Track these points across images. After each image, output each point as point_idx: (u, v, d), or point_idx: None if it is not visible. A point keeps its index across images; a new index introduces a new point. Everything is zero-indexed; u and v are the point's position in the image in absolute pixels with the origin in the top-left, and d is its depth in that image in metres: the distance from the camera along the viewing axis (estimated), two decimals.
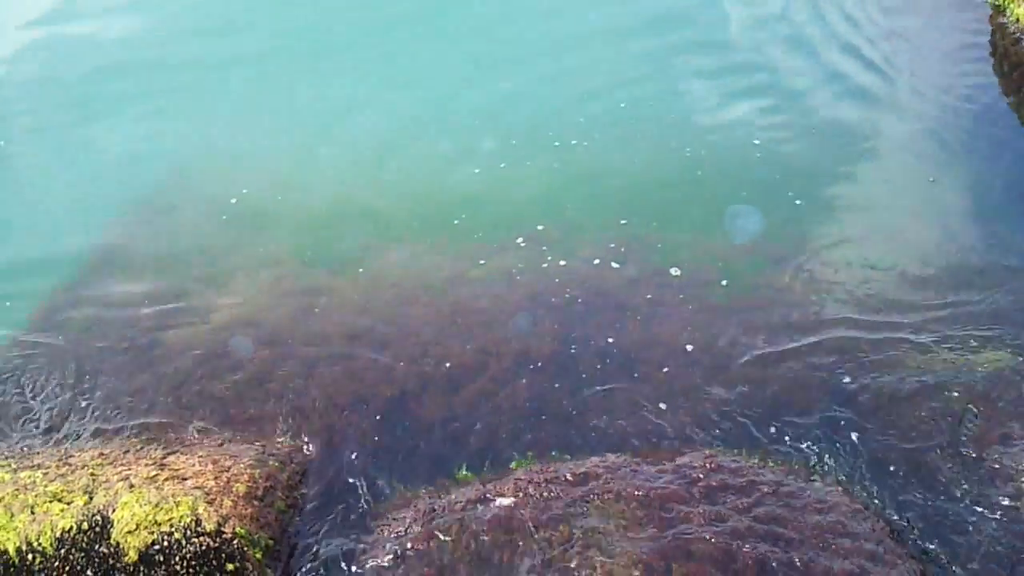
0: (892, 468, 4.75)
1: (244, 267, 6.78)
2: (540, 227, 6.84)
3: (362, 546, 4.50)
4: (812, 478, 4.66)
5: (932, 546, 4.32)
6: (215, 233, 7.17)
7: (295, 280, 6.62)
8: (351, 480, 4.86)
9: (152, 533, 4.10)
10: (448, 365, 5.63)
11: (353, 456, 5.01)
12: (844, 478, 4.69)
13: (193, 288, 6.58)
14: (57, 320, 6.34)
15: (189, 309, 6.37)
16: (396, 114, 8.44)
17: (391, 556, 4.38)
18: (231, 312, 6.30)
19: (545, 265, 6.47)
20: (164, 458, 4.59)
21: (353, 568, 4.38)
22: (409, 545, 4.40)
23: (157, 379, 5.64)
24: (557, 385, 5.42)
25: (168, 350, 5.98)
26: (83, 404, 5.51)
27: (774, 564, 4.14)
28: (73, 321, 6.33)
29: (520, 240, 6.77)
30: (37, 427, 5.32)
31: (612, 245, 6.62)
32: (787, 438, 4.98)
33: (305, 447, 5.04)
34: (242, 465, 4.59)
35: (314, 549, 4.49)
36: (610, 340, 5.72)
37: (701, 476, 4.61)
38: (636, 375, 5.46)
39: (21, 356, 5.99)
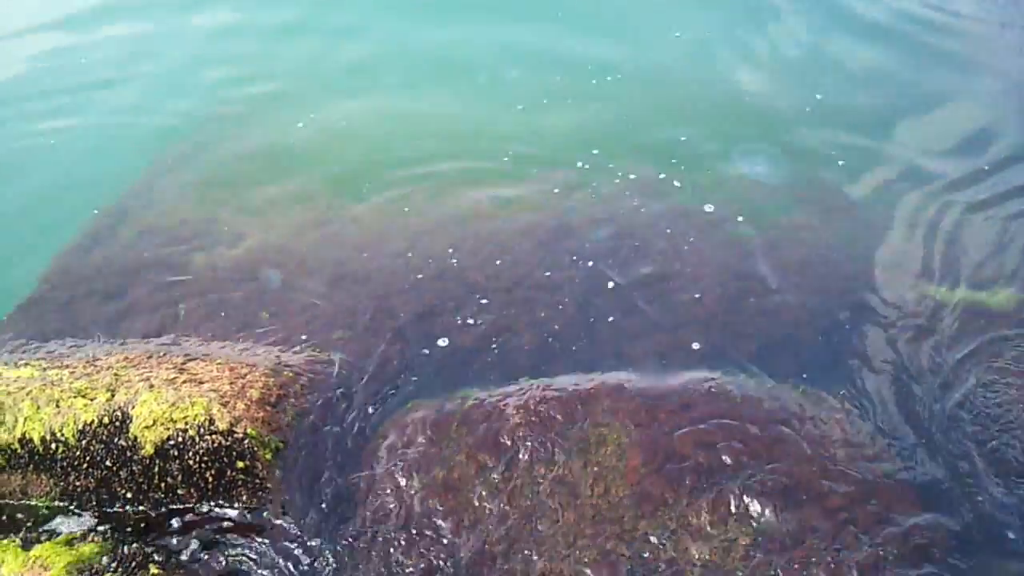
0: (895, 400, 4.76)
1: (272, 201, 6.90)
2: (566, 166, 6.89)
3: (367, 452, 4.63)
4: (811, 404, 4.67)
5: (929, 466, 4.34)
6: (244, 172, 7.30)
7: (320, 212, 6.72)
8: (361, 392, 4.98)
9: (168, 429, 4.26)
10: (465, 291, 5.71)
11: (366, 370, 5.12)
12: (848, 408, 4.70)
13: (223, 217, 6.71)
14: (98, 241, 6.52)
15: (218, 234, 6.51)
16: (423, 55, 8.53)
17: (394, 462, 4.51)
18: (258, 238, 6.42)
19: (568, 202, 6.51)
20: (184, 363, 4.74)
21: (358, 472, 4.52)
22: (412, 453, 4.53)
23: (183, 293, 5.80)
24: (571, 312, 5.49)
25: (196, 269, 6.14)
26: (114, 314, 5.69)
27: (762, 491, 4.20)
28: (113, 241, 6.51)
29: (546, 178, 6.81)
30: (71, 336, 5.50)
31: (635, 179, 6.67)
32: (794, 362, 5.01)
33: (319, 359, 5.16)
34: (257, 373, 4.73)
35: (322, 453, 4.63)
36: (628, 271, 5.77)
37: (700, 400, 4.67)
38: (650, 304, 5.50)
39: (61, 273, 6.19)
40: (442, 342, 5.31)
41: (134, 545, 4.12)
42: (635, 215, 6.33)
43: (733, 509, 4.12)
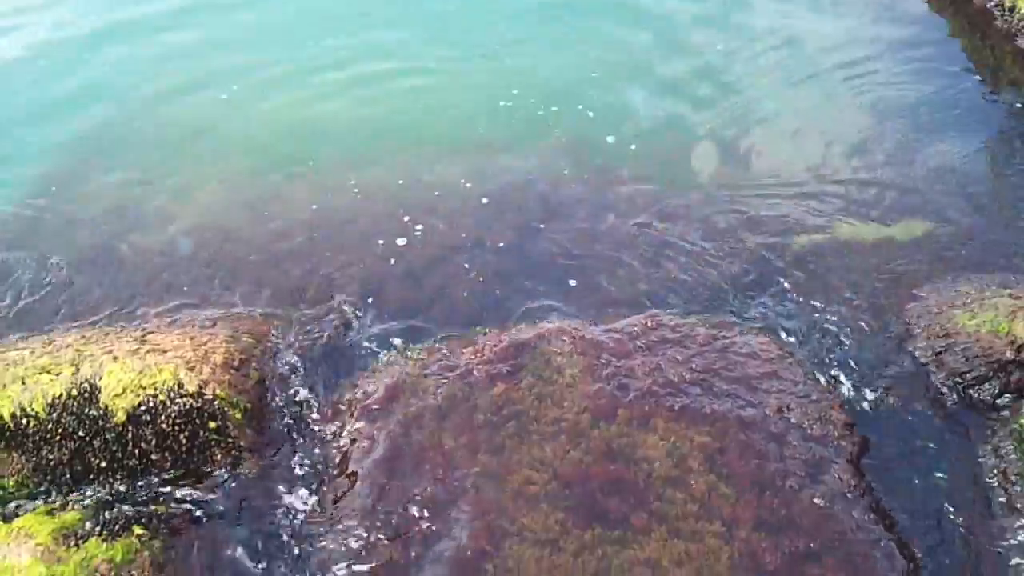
0: (820, 323, 5.13)
1: (202, 181, 6.92)
2: (483, 132, 7.12)
3: (333, 408, 4.77)
4: (745, 333, 5.01)
5: (851, 383, 4.71)
6: (170, 153, 7.27)
7: (252, 188, 6.77)
8: (321, 354, 5.11)
9: (138, 396, 4.32)
10: (411, 255, 5.88)
11: (323, 333, 5.25)
12: (774, 332, 5.05)
13: (155, 201, 6.70)
14: (26, 229, 6.45)
15: (151, 218, 6.50)
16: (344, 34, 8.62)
17: (361, 414, 4.67)
18: (190, 220, 6.45)
19: (493, 166, 6.74)
20: (144, 337, 4.80)
21: (327, 427, 4.66)
22: (376, 405, 4.69)
23: (126, 275, 5.82)
24: (514, 268, 5.72)
25: (134, 251, 6.14)
26: (60, 300, 5.67)
27: (709, 400, 4.51)
28: (42, 230, 6.44)
29: (467, 146, 7.02)
30: (18, 322, 5.47)
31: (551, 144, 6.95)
32: (723, 300, 5.34)
33: (275, 326, 5.27)
34: (218, 340, 4.82)
35: (287, 413, 4.75)
36: (564, 228, 6.05)
37: (642, 333, 4.95)
38: (588, 256, 5.79)
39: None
40: (392, 301, 5.48)
41: (115, 511, 4.17)
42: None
43: (684, 414, 4.41)
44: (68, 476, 4.36)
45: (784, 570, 3.77)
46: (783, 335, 5.02)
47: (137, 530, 4.04)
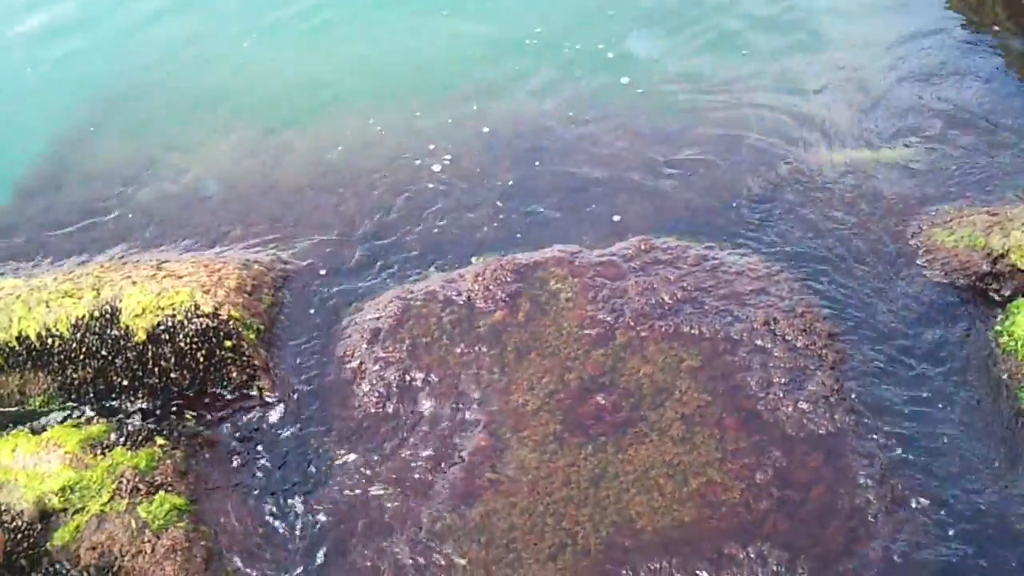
0: (807, 243, 5.29)
1: (209, 137, 7.06)
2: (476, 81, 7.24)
3: (342, 332, 4.96)
4: (735, 253, 5.18)
5: (836, 298, 4.88)
6: (182, 115, 7.42)
7: (257, 142, 6.90)
8: (330, 283, 5.29)
9: (157, 316, 4.52)
10: (408, 194, 6.04)
11: (330, 265, 5.44)
12: (764, 251, 5.21)
13: (161, 156, 6.85)
14: (47, 179, 6.64)
15: (164, 172, 6.66)
16: None
17: (365, 339, 4.86)
18: (201, 170, 6.61)
19: (482, 112, 6.88)
20: (159, 265, 4.99)
21: (334, 345, 4.86)
22: (382, 324, 4.88)
23: (140, 219, 6.01)
24: (511, 203, 5.88)
25: (149, 202, 6.31)
26: (78, 242, 5.87)
27: (699, 316, 4.69)
28: (61, 179, 6.63)
29: (457, 94, 7.14)
30: (40, 260, 5.67)
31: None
32: (715, 224, 5.50)
33: (284, 258, 5.45)
34: (230, 268, 5.01)
35: (300, 336, 4.95)
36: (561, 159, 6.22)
37: (636, 255, 5.13)
38: (583, 185, 5.97)
39: (16, 212, 6.31)
40: (395, 233, 5.66)
41: (138, 425, 4.39)
42: None
43: (676, 333, 4.60)
44: (92, 394, 4.57)
45: (769, 470, 3.97)
46: (772, 254, 5.18)
47: (159, 441, 4.26)
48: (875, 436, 4.09)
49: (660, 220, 5.57)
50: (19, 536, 3.71)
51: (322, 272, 5.39)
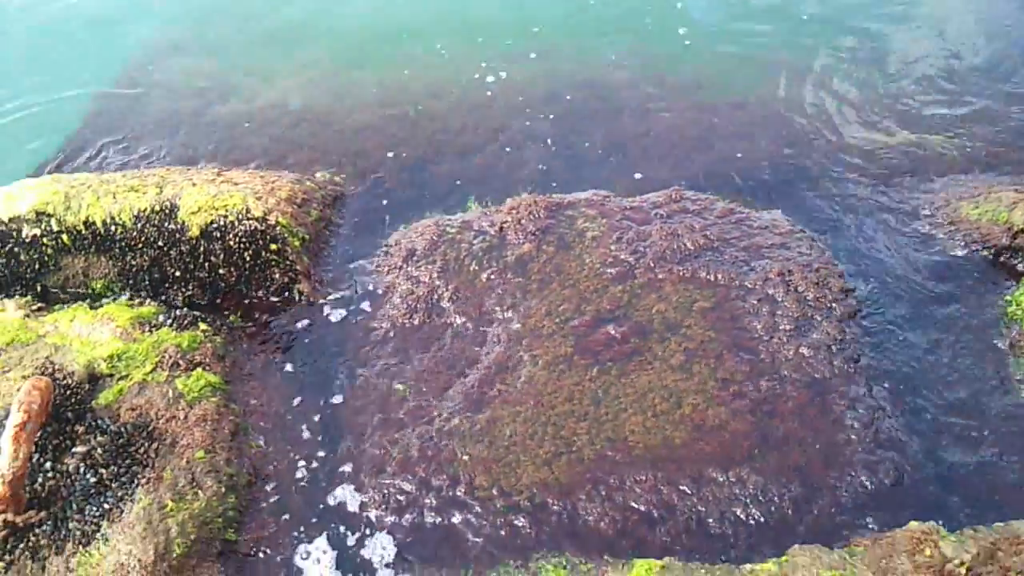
0: (835, 207, 5.41)
1: (284, 65, 7.43)
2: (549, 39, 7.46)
3: (380, 251, 5.25)
4: (761, 210, 5.32)
5: (855, 258, 5.00)
6: (259, 43, 7.80)
7: (328, 74, 7.24)
8: (375, 206, 5.59)
9: (211, 215, 4.85)
10: (463, 133, 6.30)
11: (378, 191, 5.73)
12: (790, 212, 5.34)
13: (242, 80, 7.24)
14: (128, 101, 7.07)
15: (237, 93, 7.04)
16: None
17: (401, 258, 5.13)
18: (273, 96, 6.98)
19: (544, 65, 7.09)
20: (219, 173, 5.32)
21: (372, 264, 5.14)
22: (420, 245, 5.15)
23: (209, 135, 6.38)
24: (554, 149, 6.10)
25: (219, 119, 6.69)
26: (150, 153, 6.27)
27: (717, 264, 4.86)
28: (142, 100, 7.05)
29: (532, 55, 7.37)
30: (112, 163, 6.08)
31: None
32: (745, 182, 5.64)
33: (337, 180, 5.76)
34: (284, 181, 5.33)
35: (341, 250, 5.25)
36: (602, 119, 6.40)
37: (665, 204, 5.30)
38: (623, 141, 6.14)
39: (99, 114, 6.75)
40: (444, 165, 5.92)
41: (185, 311, 4.74)
42: None
43: (693, 278, 4.78)
44: (147, 282, 4.93)
45: (758, 404, 4.14)
46: (798, 214, 5.30)
47: (202, 327, 4.59)
48: (869, 385, 4.21)
49: (700, 174, 5.74)
50: (68, 392, 4.07)
51: (370, 195, 5.69)
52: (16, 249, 4.83)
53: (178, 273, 4.90)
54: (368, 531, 3.79)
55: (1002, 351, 4.37)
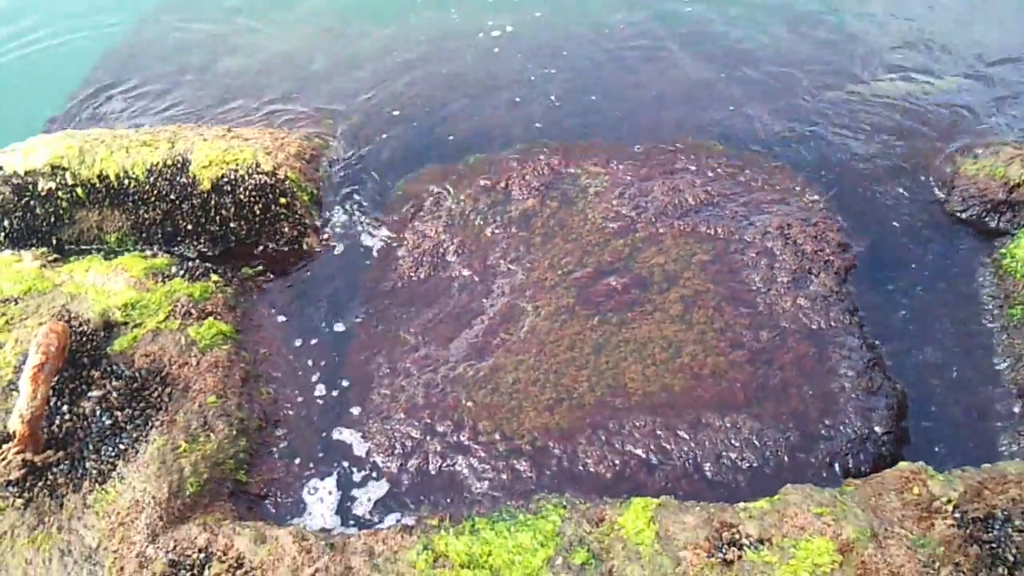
0: (837, 163, 5.45)
1: (288, 21, 7.48)
2: None
3: (386, 205, 5.32)
4: (764, 164, 5.36)
5: (854, 213, 5.05)
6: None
7: (333, 29, 7.30)
8: (383, 159, 5.66)
9: (221, 169, 4.93)
10: (470, 87, 6.36)
11: (385, 143, 5.79)
12: (794, 166, 5.39)
13: (243, 37, 7.29)
14: (131, 57, 7.14)
15: (240, 50, 7.10)
16: None
17: (412, 204, 5.21)
18: (275, 49, 7.03)
19: (553, 25, 7.12)
20: (229, 129, 5.38)
21: (379, 218, 5.22)
22: (428, 198, 5.22)
23: (217, 92, 6.45)
24: (562, 98, 6.16)
25: (222, 72, 6.76)
26: (158, 110, 6.34)
27: (718, 218, 4.92)
28: (150, 50, 7.12)
29: (537, 12, 7.39)
30: (125, 121, 6.16)
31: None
32: (748, 136, 5.69)
33: (344, 134, 5.82)
34: (293, 137, 5.39)
35: (348, 205, 5.32)
36: (610, 73, 6.43)
37: (668, 159, 5.35)
38: (643, 88, 6.22)
39: (107, 82, 6.82)
40: (449, 119, 5.98)
41: (197, 263, 4.83)
42: None
43: (693, 232, 4.84)
44: (160, 235, 5.02)
45: (755, 352, 4.22)
46: (800, 168, 5.35)
47: (214, 278, 4.68)
48: (866, 335, 4.28)
49: (705, 127, 5.79)
50: (84, 339, 4.17)
51: (379, 149, 5.75)
52: (32, 203, 4.91)
53: (190, 227, 4.98)
54: (374, 473, 3.90)
55: (996, 302, 4.43)
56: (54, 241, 5.00)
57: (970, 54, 6.35)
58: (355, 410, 4.17)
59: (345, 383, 4.33)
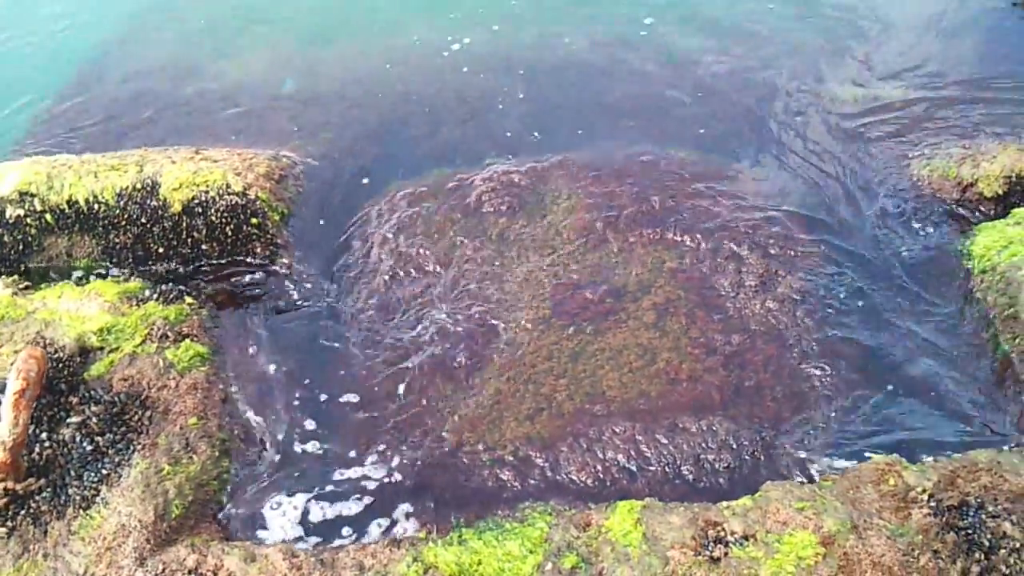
0: (796, 167, 5.58)
1: (252, 46, 7.46)
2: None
3: (359, 217, 5.33)
4: (729, 171, 5.47)
5: (816, 214, 5.17)
6: (218, 25, 7.81)
7: (294, 53, 7.29)
8: (351, 176, 5.68)
9: (192, 191, 4.91)
10: (433, 105, 6.41)
11: (351, 161, 5.81)
12: (756, 172, 5.51)
13: (203, 61, 7.26)
14: (94, 78, 7.07)
15: (201, 73, 7.07)
16: None
17: (383, 222, 5.22)
18: (238, 76, 7.01)
19: (507, 37, 7.22)
20: (197, 151, 5.36)
21: (352, 231, 5.23)
22: (397, 215, 5.24)
23: (181, 115, 6.42)
24: (524, 112, 6.23)
25: (190, 99, 6.73)
26: (124, 134, 6.29)
27: (685, 224, 5.00)
28: (108, 78, 7.06)
29: (495, 26, 7.47)
30: (90, 146, 6.09)
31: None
32: (710, 141, 5.82)
33: (311, 154, 5.82)
34: (261, 158, 5.37)
35: (321, 219, 5.32)
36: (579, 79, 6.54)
37: (637, 167, 5.44)
38: (604, 100, 6.32)
39: (70, 106, 6.75)
40: (415, 137, 6.02)
41: (170, 285, 4.79)
42: None
43: (662, 240, 4.92)
44: (131, 259, 4.98)
45: (727, 356, 4.30)
46: (765, 172, 5.49)
47: (188, 300, 4.65)
48: (834, 332, 4.38)
49: (666, 135, 5.89)
50: (60, 365, 4.12)
51: (346, 167, 5.77)
52: (0, 231, 4.85)
53: (161, 249, 4.95)
54: (357, 489, 3.89)
55: (957, 296, 4.56)
56: (23, 268, 4.93)
57: (919, 62, 6.54)
58: (335, 427, 4.17)
59: (320, 404, 4.32)
